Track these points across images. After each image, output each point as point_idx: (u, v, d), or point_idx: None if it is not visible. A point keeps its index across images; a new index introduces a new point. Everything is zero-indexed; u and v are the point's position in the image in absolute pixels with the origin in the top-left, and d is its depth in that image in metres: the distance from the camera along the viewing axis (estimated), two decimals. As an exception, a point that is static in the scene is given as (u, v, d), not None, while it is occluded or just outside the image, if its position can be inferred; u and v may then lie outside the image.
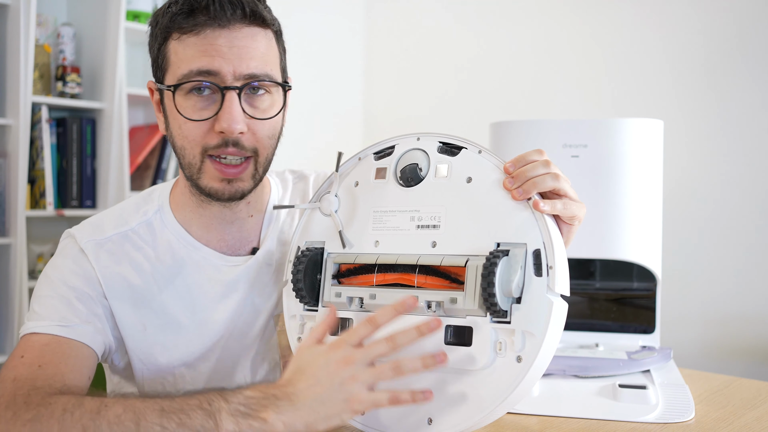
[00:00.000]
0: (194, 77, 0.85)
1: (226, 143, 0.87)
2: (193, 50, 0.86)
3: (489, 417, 0.73)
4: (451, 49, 2.95)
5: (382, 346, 0.73)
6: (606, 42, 2.45)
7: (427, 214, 0.80)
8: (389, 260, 0.81)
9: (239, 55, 0.86)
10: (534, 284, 0.72)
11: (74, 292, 0.89)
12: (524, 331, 0.71)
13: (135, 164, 2.39)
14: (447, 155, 0.81)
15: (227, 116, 0.85)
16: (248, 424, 0.70)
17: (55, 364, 0.82)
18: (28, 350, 0.84)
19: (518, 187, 0.74)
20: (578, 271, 1.19)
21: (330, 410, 0.71)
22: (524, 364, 0.71)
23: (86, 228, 0.95)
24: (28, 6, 2.06)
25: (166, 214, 0.97)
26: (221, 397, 0.73)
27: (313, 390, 0.72)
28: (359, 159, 0.88)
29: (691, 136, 2.23)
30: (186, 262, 0.95)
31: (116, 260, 0.92)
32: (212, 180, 0.89)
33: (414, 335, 0.73)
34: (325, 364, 0.73)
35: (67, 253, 0.93)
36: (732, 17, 2.16)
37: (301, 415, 0.71)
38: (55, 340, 0.85)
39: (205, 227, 0.96)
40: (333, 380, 0.72)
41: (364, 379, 0.72)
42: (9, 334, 2.09)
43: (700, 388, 1.00)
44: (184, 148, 0.89)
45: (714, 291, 2.20)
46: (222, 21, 0.85)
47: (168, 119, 0.91)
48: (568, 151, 1.12)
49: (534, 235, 0.73)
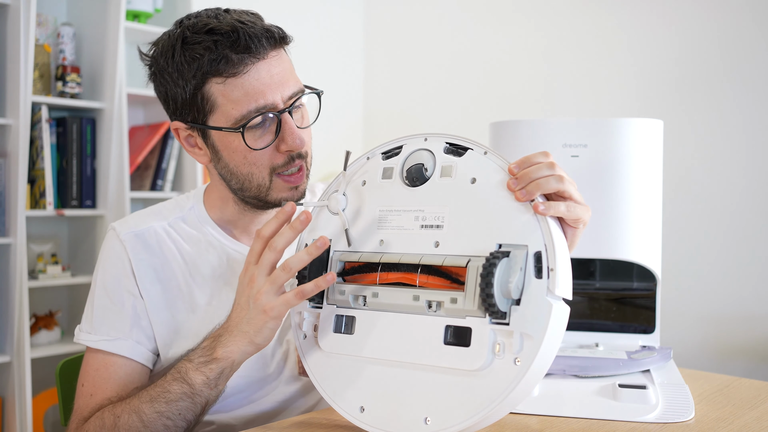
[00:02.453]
0: (253, 115, 0.92)
1: (292, 159, 0.96)
2: (242, 91, 0.91)
3: (487, 418, 0.72)
4: (451, 48, 2.95)
5: (268, 254, 0.84)
6: (606, 42, 2.46)
7: (431, 214, 0.80)
8: (392, 259, 0.81)
9: (280, 81, 0.93)
10: (534, 286, 0.72)
11: (115, 301, 0.99)
12: (522, 333, 0.71)
13: (135, 164, 2.39)
14: (453, 156, 0.81)
15: (291, 137, 0.94)
16: (209, 369, 0.86)
17: (103, 390, 0.95)
18: (86, 377, 0.97)
19: (522, 188, 0.74)
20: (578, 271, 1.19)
21: (255, 326, 0.83)
22: (522, 367, 0.70)
23: (127, 221, 1.04)
24: (28, 6, 2.06)
25: (200, 212, 1.05)
26: (186, 360, 0.88)
27: (240, 315, 0.85)
28: (368, 159, 0.88)
29: (691, 136, 2.23)
30: (216, 254, 1.03)
31: (151, 251, 1.01)
32: (281, 192, 0.98)
33: (304, 256, 0.82)
34: (242, 290, 0.86)
35: (110, 247, 1.02)
36: (732, 17, 2.16)
37: (239, 340, 0.85)
38: (103, 361, 0.97)
39: (240, 229, 1.06)
40: (248, 300, 0.84)
41: (266, 289, 0.82)
42: (9, 334, 2.09)
43: (700, 388, 1.00)
44: (252, 174, 0.96)
45: (714, 291, 2.20)
46: (260, 54, 0.91)
47: (223, 153, 0.96)
48: (568, 151, 1.12)
49: (536, 237, 0.73)
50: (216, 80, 0.91)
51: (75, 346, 2.21)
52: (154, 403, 0.87)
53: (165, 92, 0.96)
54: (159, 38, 0.97)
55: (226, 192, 1.02)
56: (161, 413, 0.86)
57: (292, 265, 0.82)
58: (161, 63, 0.94)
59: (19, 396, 2.06)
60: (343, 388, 0.83)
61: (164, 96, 0.97)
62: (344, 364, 0.83)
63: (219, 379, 0.87)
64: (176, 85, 0.94)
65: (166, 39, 0.96)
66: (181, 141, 1.00)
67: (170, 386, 0.87)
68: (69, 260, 2.40)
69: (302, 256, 0.82)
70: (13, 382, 2.07)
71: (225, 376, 0.87)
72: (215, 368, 0.85)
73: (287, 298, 0.82)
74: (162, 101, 0.99)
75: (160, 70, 0.95)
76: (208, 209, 1.05)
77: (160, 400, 0.87)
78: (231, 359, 0.85)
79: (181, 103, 0.95)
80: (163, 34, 0.97)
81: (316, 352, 0.86)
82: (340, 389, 0.83)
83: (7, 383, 2.11)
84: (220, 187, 1.03)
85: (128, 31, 2.30)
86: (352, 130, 3.27)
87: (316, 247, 0.82)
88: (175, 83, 0.93)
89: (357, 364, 0.82)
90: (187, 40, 0.92)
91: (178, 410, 0.86)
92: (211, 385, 0.86)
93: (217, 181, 1.02)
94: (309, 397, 1.07)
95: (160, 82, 0.96)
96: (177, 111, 0.96)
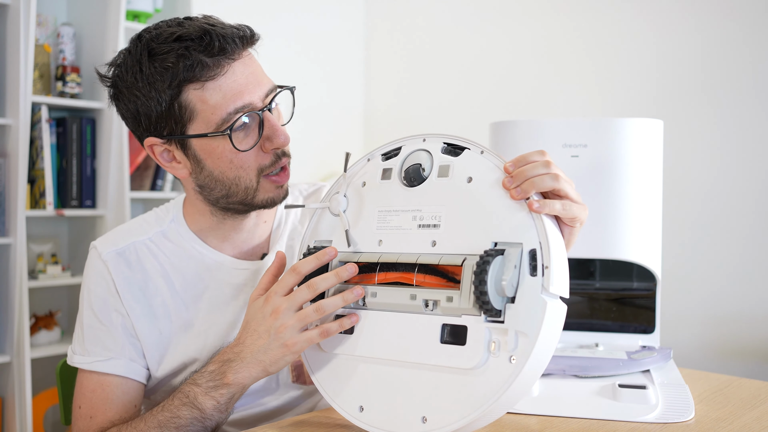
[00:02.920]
0: (234, 117, 0.90)
1: (278, 157, 0.95)
2: (221, 94, 0.89)
3: (484, 417, 0.72)
4: (451, 48, 2.95)
5: (303, 292, 0.82)
6: (606, 42, 2.46)
7: (429, 213, 0.81)
8: (390, 259, 0.82)
9: (256, 79, 0.92)
10: (529, 284, 0.72)
11: (104, 321, 0.98)
12: (517, 331, 0.71)
13: (135, 164, 2.39)
14: (450, 155, 0.82)
15: (276, 134, 0.92)
16: (220, 393, 0.85)
17: (103, 411, 0.95)
18: (82, 399, 0.96)
19: (517, 186, 0.74)
20: (578, 271, 1.19)
21: (272, 357, 0.83)
22: (517, 365, 0.70)
23: (108, 239, 1.02)
24: (28, 6, 2.06)
25: (180, 225, 1.03)
26: (193, 384, 0.87)
27: (257, 343, 0.83)
28: (368, 160, 0.89)
29: (691, 136, 2.23)
30: (199, 267, 1.01)
31: (133, 269, 0.99)
32: (268, 192, 0.96)
33: (333, 279, 0.82)
34: (262, 318, 0.84)
35: (92, 267, 1.00)
36: (732, 17, 2.16)
37: (252, 367, 0.84)
38: (98, 382, 0.96)
39: (221, 238, 1.03)
40: (269, 331, 0.82)
41: (292, 324, 0.81)
42: (9, 334, 2.09)
43: (700, 388, 1.00)
44: (239, 177, 0.94)
45: (714, 291, 2.20)
46: (234, 55, 0.90)
47: (206, 162, 0.94)
48: (567, 151, 1.12)
49: (531, 234, 0.73)
50: (193, 86, 0.88)
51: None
52: (164, 429, 0.87)
53: (135, 110, 0.92)
54: (116, 57, 0.93)
55: (203, 205, 1.00)
56: None
57: (318, 286, 0.81)
58: (128, 80, 0.90)
59: (19, 396, 2.06)
60: (343, 388, 0.83)
61: (134, 114, 0.92)
62: (344, 364, 0.84)
63: (229, 403, 0.87)
64: (148, 98, 0.90)
65: (127, 55, 0.92)
66: (156, 158, 0.95)
67: (179, 411, 0.86)
68: (69, 260, 2.40)
69: (330, 279, 0.82)
70: (13, 382, 2.07)
71: (234, 400, 0.87)
72: (226, 393, 0.85)
73: (311, 336, 0.82)
74: (130, 120, 0.94)
75: (127, 87, 0.91)
76: (188, 220, 1.03)
77: (170, 426, 0.87)
78: (242, 384, 0.85)
79: (156, 118, 0.91)
80: (120, 53, 0.93)
81: (318, 352, 0.86)
82: (340, 389, 0.83)
83: (7, 383, 2.11)
84: (195, 202, 1.00)
85: (128, 31, 2.30)
86: (352, 130, 3.27)
87: (348, 272, 0.82)
88: (147, 97, 0.90)
89: (356, 364, 0.82)
90: (154, 52, 0.88)
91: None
92: (222, 409, 0.86)
93: (192, 195, 1.00)
94: (311, 399, 1.07)
95: (128, 100, 0.92)
96: (150, 127, 0.92)
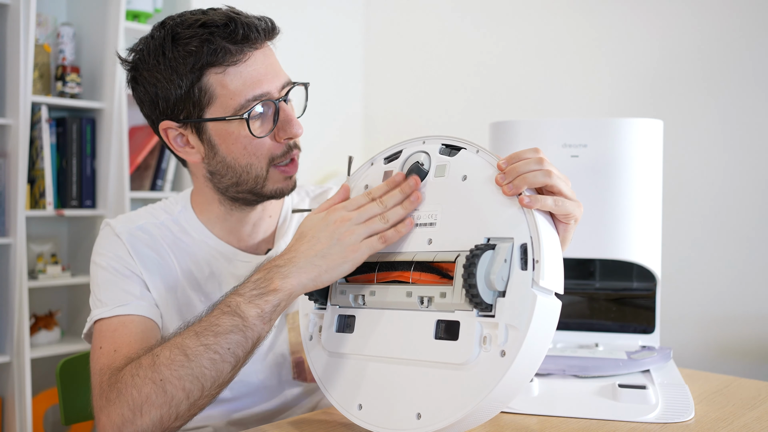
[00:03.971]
0: (252, 104, 0.92)
1: (290, 148, 0.98)
2: (241, 80, 0.92)
3: (478, 412, 0.72)
4: (450, 49, 2.95)
5: (374, 206, 0.82)
6: (606, 42, 2.46)
7: (425, 212, 0.82)
8: (389, 258, 0.83)
9: (274, 70, 0.95)
10: (518, 278, 0.72)
11: (122, 273, 0.98)
12: (508, 325, 0.71)
13: (135, 164, 2.39)
14: (447, 156, 0.83)
15: (291, 124, 0.96)
16: (265, 301, 0.80)
17: (128, 343, 0.91)
18: (103, 339, 0.92)
19: (509, 182, 0.75)
20: (578, 271, 1.19)
21: (331, 262, 0.80)
22: (507, 359, 0.70)
23: (120, 219, 1.05)
24: (27, 6, 2.06)
25: (189, 214, 1.06)
26: (235, 294, 0.82)
27: (315, 248, 0.81)
28: (371, 164, 0.91)
29: (691, 136, 2.23)
30: (205, 254, 1.03)
31: (147, 245, 1.01)
32: (277, 183, 0.99)
33: (398, 196, 0.82)
34: (325, 225, 0.82)
35: (105, 239, 1.02)
36: (732, 17, 2.16)
37: (305, 272, 0.80)
38: (120, 321, 0.94)
39: (227, 230, 1.05)
40: (332, 236, 0.81)
41: (359, 232, 0.81)
42: (9, 334, 2.09)
43: (700, 388, 1.00)
44: (251, 165, 0.96)
45: (714, 291, 2.20)
46: (257, 44, 0.93)
47: (221, 146, 0.96)
48: (567, 151, 1.12)
49: (522, 229, 0.74)
50: (215, 70, 0.91)
51: (75, 346, 2.21)
52: (201, 337, 0.80)
53: (154, 93, 0.94)
54: (139, 43, 0.96)
55: (212, 194, 1.02)
56: (208, 346, 0.79)
57: (388, 202, 0.83)
58: (150, 63, 0.93)
59: (19, 396, 2.06)
60: (343, 386, 0.83)
61: (152, 97, 0.95)
62: (344, 363, 0.84)
63: (273, 313, 0.81)
64: (169, 82, 0.92)
65: (149, 40, 0.95)
66: (169, 141, 0.98)
67: (218, 320, 0.80)
68: (69, 260, 2.40)
69: (399, 211, 0.82)
70: (13, 382, 2.07)
71: (280, 309, 0.81)
72: (272, 300, 0.80)
73: (372, 242, 0.81)
74: (147, 104, 0.97)
75: (148, 70, 0.93)
76: (196, 210, 1.06)
77: (207, 333, 0.80)
78: (290, 291, 0.80)
79: (174, 101, 0.94)
80: (143, 39, 0.96)
81: (320, 352, 0.87)
82: (340, 387, 0.84)
83: (6, 383, 2.11)
84: (204, 190, 1.03)
85: (128, 31, 2.30)
86: (352, 131, 3.27)
87: (411, 202, 0.82)
88: (168, 80, 0.92)
89: (356, 362, 0.83)
90: (178, 36, 0.91)
91: (228, 344, 0.79)
92: (265, 318, 0.80)
93: (202, 182, 1.02)
94: (311, 398, 1.07)
95: (148, 83, 0.94)
96: (168, 110, 0.95)
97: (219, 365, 0.79)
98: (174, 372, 0.79)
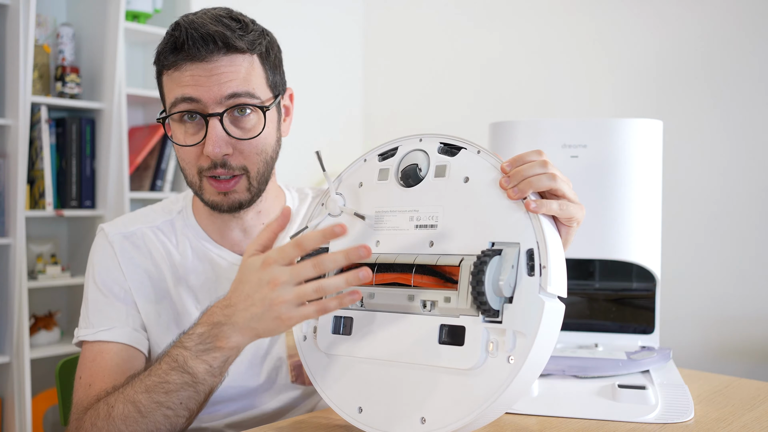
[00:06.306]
0: (179, 105, 0.93)
1: (215, 165, 0.94)
2: (175, 82, 0.94)
3: (482, 417, 0.72)
4: (450, 49, 2.95)
5: (308, 269, 0.75)
6: (606, 42, 2.45)
7: (426, 214, 0.81)
8: (388, 260, 0.81)
9: (218, 81, 0.92)
10: (526, 284, 0.72)
11: (111, 291, 1.00)
12: (515, 331, 0.71)
13: (134, 164, 2.39)
14: (446, 155, 0.81)
15: (210, 142, 0.92)
16: (213, 357, 0.80)
17: (101, 378, 0.93)
18: (83, 369, 0.96)
19: (514, 186, 0.74)
20: (577, 271, 1.19)
21: (265, 327, 0.77)
22: (515, 365, 0.70)
23: (116, 223, 1.06)
24: (27, 6, 2.06)
25: (187, 216, 1.06)
26: (181, 347, 0.81)
27: (249, 311, 0.77)
28: (365, 161, 0.88)
29: (691, 136, 2.23)
30: (201, 259, 1.03)
31: (139, 252, 1.02)
32: (211, 195, 0.97)
33: (341, 259, 0.75)
34: (258, 285, 0.77)
35: (99, 246, 1.04)
36: (732, 17, 2.16)
37: (245, 332, 0.78)
38: (99, 350, 0.96)
39: (219, 234, 1.05)
40: (264, 300, 0.76)
41: (289, 300, 0.75)
42: (8, 335, 2.09)
43: (700, 389, 1.00)
44: (185, 169, 0.98)
45: (714, 291, 2.20)
46: (198, 57, 0.92)
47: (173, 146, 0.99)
48: (567, 151, 1.12)
49: (528, 234, 0.73)
50: (164, 72, 0.96)
51: (74, 347, 2.21)
52: (152, 393, 0.81)
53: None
54: None
55: None
56: (160, 403, 0.81)
57: (325, 266, 0.75)
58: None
59: (19, 396, 2.06)
60: (341, 389, 0.83)
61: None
62: (342, 365, 0.83)
63: (223, 367, 0.82)
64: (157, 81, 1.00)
65: None
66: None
67: (168, 376, 0.81)
68: (68, 261, 2.40)
69: (339, 259, 0.75)
70: (13, 383, 2.07)
71: (229, 363, 0.82)
72: (219, 356, 0.80)
73: (307, 312, 0.75)
74: None
75: None
76: (195, 213, 1.06)
77: (158, 390, 0.81)
78: (235, 347, 0.80)
79: (159, 98, 1.01)
80: None
81: (316, 353, 0.86)
82: (338, 390, 0.83)
83: (6, 383, 2.11)
84: None
85: (128, 31, 2.30)
86: (352, 131, 3.26)
87: (358, 254, 0.74)
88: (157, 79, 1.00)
89: (355, 365, 0.82)
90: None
91: (179, 399, 0.81)
92: (215, 372, 0.81)
93: None
94: (310, 400, 1.07)
95: None
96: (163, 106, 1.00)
97: (173, 419, 0.82)
98: (129, 427, 0.82)
